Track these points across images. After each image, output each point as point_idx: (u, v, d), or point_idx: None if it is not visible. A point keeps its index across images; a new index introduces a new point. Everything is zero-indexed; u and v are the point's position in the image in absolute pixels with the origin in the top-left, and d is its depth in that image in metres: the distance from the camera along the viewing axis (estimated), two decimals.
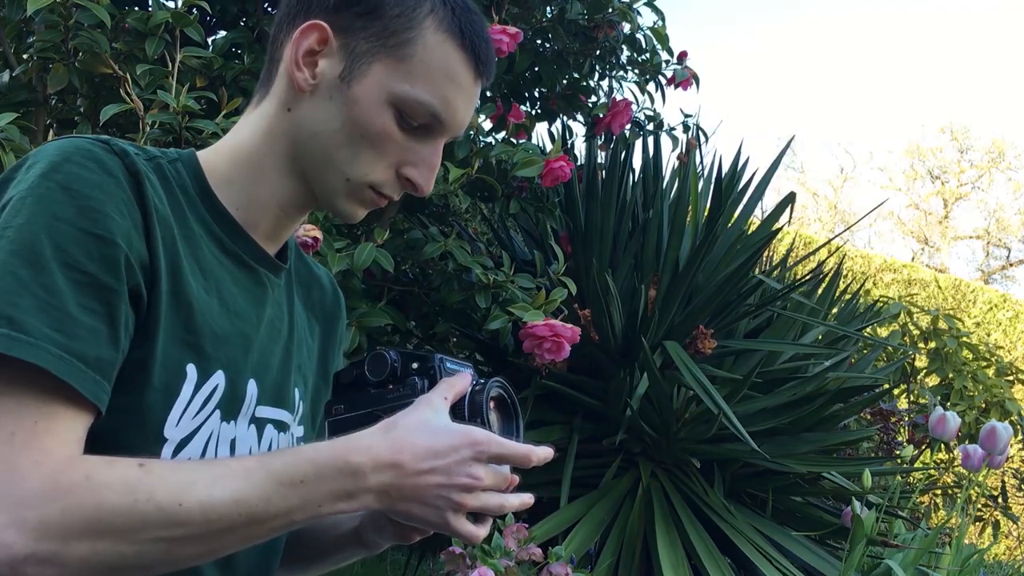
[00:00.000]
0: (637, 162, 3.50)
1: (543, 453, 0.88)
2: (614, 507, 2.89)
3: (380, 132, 0.90)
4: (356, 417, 0.91)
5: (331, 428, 0.92)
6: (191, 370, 0.86)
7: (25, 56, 2.43)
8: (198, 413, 0.87)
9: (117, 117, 2.18)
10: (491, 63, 0.95)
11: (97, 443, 0.78)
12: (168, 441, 0.85)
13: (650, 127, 3.48)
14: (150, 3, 2.35)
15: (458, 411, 0.88)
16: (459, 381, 0.90)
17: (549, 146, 3.15)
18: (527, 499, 0.91)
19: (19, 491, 0.72)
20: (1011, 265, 21.66)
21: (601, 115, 3.21)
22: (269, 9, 2.74)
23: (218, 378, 0.89)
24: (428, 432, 0.83)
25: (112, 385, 0.79)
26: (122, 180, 0.82)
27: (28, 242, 0.75)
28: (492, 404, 0.91)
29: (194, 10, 2.29)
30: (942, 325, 5.07)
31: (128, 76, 2.10)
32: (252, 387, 0.94)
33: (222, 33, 2.69)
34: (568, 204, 3.23)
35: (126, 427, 0.82)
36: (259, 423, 0.96)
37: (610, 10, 3.08)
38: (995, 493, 5.23)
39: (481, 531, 0.88)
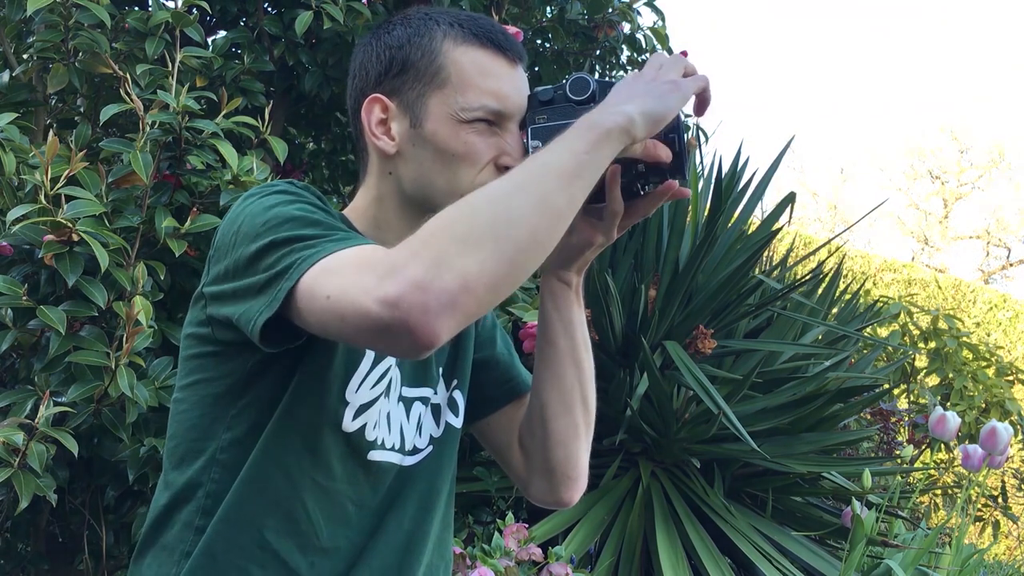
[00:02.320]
0: None
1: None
2: (614, 507, 2.89)
3: (464, 146, 1.06)
4: (559, 125, 1.02)
5: (533, 133, 1.06)
6: (368, 350, 1.06)
7: (25, 56, 2.43)
8: (374, 386, 1.07)
9: (117, 117, 2.18)
10: (514, 44, 1.10)
11: (296, 401, 1.00)
12: (349, 404, 1.05)
13: None
14: (150, 3, 2.35)
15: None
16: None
17: None
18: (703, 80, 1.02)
19: (384, 267, 0.85)
20: (1011, 265, 21.66)
21: None
22: (269, 9, 2.74)
23: (390, 361, 1.09)
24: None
25: None
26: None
27: (298, 218, 0.95)
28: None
29: (194, 10, 2.29)
30: (942, 325, 5.07)
31: (128, 76, 2.10)
32: (394, 371, 1.11)
33: (222, 33, 2.69)
34: None
35: (318, 388, 1.02)
36: (407, 402, 1.13)
37: (610, 10, 3.08)
38: (995, 493, 5.23)
39: (697, 80, 1.00)
